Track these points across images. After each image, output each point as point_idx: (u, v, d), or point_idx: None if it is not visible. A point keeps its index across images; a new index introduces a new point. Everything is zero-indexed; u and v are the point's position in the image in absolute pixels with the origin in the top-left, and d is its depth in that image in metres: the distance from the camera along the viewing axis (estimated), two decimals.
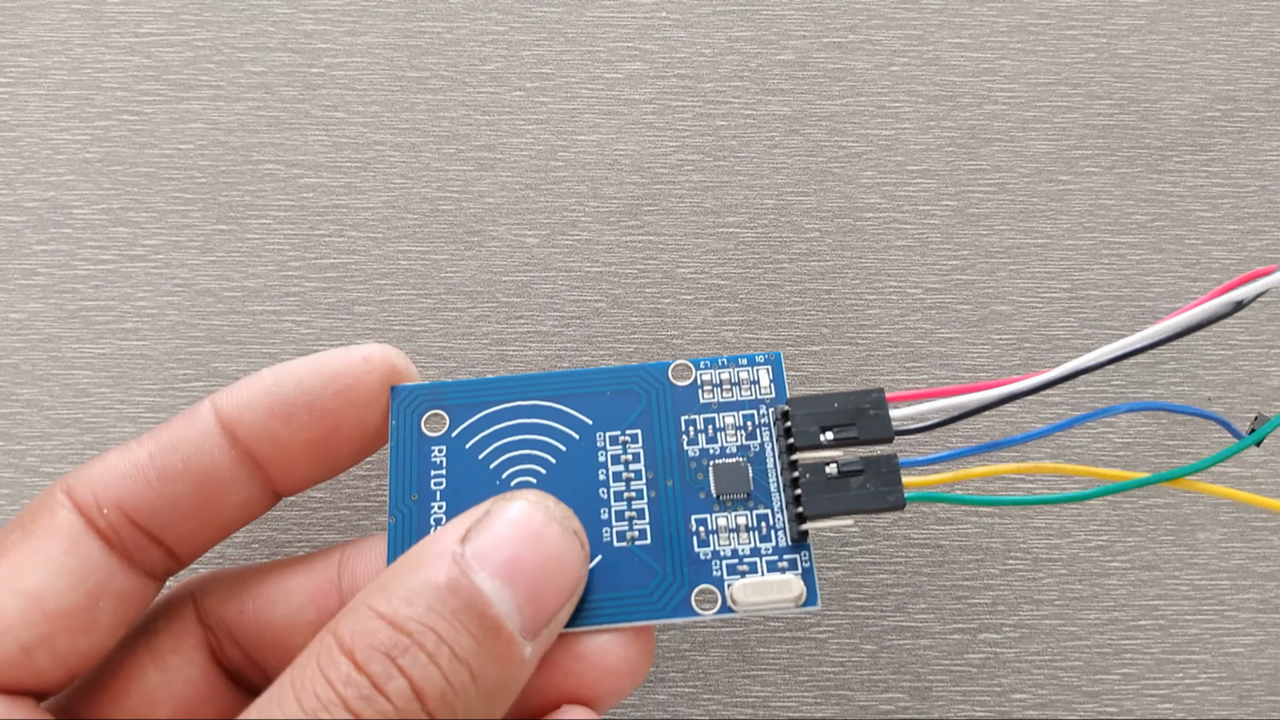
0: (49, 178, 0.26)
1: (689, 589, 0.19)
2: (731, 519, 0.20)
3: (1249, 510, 0.26)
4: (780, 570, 0.19)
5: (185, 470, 0.20)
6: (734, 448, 0.20)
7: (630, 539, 0.20)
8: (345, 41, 0.27)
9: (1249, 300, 0.21)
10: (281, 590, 0.21)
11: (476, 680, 0.16)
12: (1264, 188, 0.27)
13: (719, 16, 0.28)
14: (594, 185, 0.27)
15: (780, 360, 0.21)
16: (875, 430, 0.19)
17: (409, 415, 0.21)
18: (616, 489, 0.20)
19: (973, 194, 0.27)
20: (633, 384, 0.21)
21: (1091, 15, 0.28)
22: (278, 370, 0.20)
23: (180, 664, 0.21)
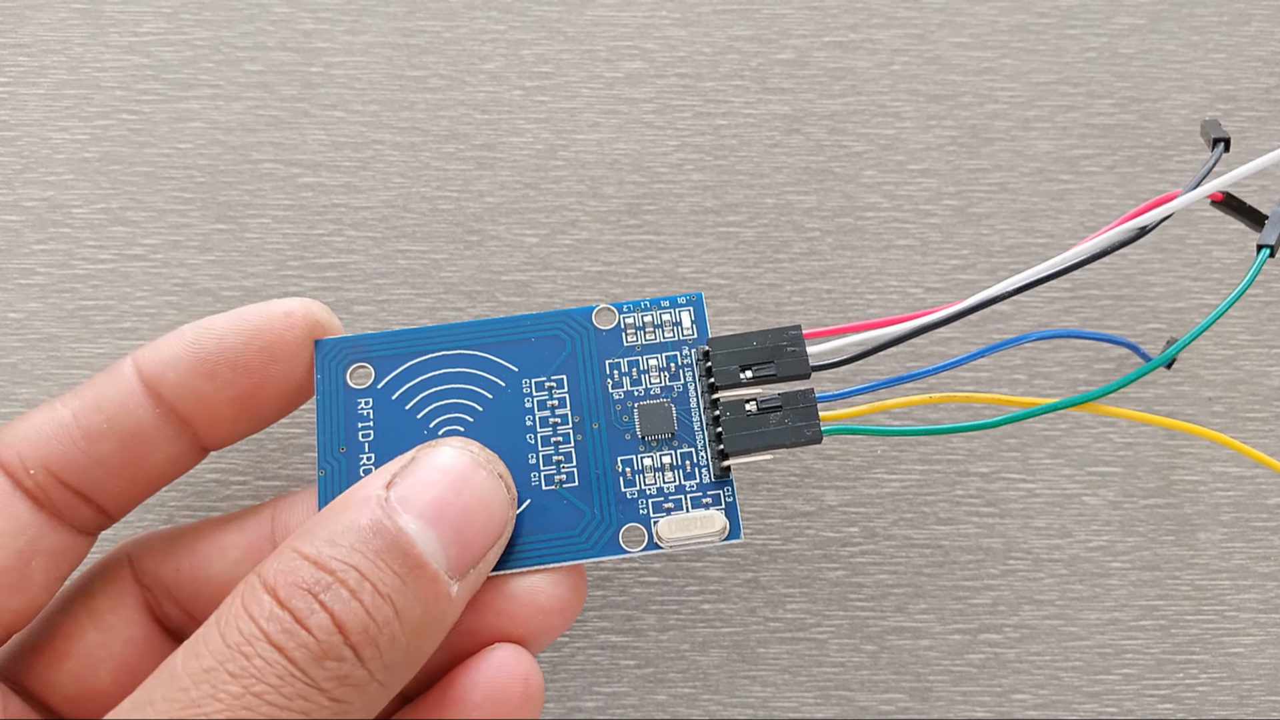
0: (48, 177, 0.26)
1: (616, 528, 0.20)
2: (656, 458, 0.20)
3: (1250, 510, 0.26)
4: (705, 506, 0.20)
5: (110, 429, 0.20)
6: (658, 389, 0.21)
7: (558, 482, 0.20)
8: (344, 40, 0.27)
9: (1152, 226, 0.21)
10: (216, 547, 0.21)
11: (400, 616, 0.17)
12: (1264, 187, 0.27)
13: (719, 15, 0.28)
14: (594, 184, 0.27)
15: (701, 301, 0.21)
16: (793, 367, 0.20)
17: (334, 368, 0.21)
18: (544, 434, 0.20)
19: (974, 193, 0.27)
20: (557, 329, 0.21)
21: (1092, 14, 0.28)
22: (199, 327, 0.20)
23: (120, 624, 0.21)
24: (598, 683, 0.25)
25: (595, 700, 0.25)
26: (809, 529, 0.26)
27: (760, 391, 0.20)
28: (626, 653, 0.25)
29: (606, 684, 0.25)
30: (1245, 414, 0.26)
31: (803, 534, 0.26)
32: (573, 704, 0.25)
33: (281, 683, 0.16)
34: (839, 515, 0.26)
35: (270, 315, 0.20)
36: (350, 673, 0.16)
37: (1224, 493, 0.26)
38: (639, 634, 0.25)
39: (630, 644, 0.25)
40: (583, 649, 0.25)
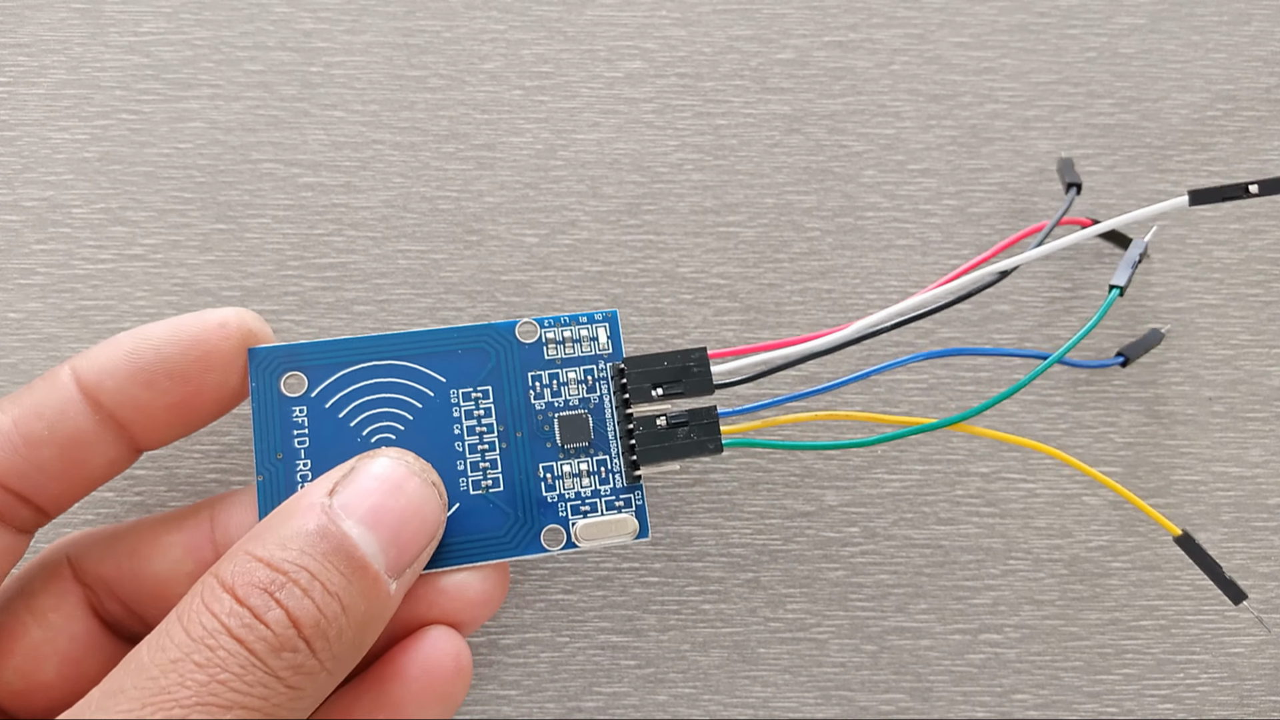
0: (47, 177, 0.26)
1: (538, 529, 0.22)
2: (575, 465, 0.22)
3: (1250, 510, 0.26)
4: (617, 509, 0.22)
5: (50, 435, 0.20)
6: (576, 400, 0.22)
7: (485, 487, 0.22)
8: (344, 40, 0.27)
9: (1010, 271, 0.23)
10: (156, 546, 0.22)
11: (347, 611, 0.18)
12: None
13: (719, 15, 0.28)
14: (594, 184, 0.27)
15: (616, 317, 0.23)
16: (698, 386, 0.22)
17: (268, 377, 0.22)
18: (471, 442, 0.22)
19: (974, 193, 0.27)
20: (482, 342, 0.22)
21: (1092, 14, 0.28)
22: (136, 336, 0.21)
23: (62, 621, 0.21)
24: (598, 683, 0.25)
25: (595, 700, 0.25)
26: (809, 529, 0.26)
27: (669, 407, 0.22)
28: (627, 653, 0.25)
29: (607, 684, 0.25)
30: (1245, 414, 0.26)
31: (803, 534, 0.26)
32: (573, 704, 0.25)
33: (243, 671, 0.17)
34: (839, 515, 0.26)
35: (206, 325, 0.21)
36: (304, 663, 0.18)
37: (1224, 493, 0.26)
38: (639, 634, 0.25)
39: (631, 644, 0.25)
40: (583, 649, 0.25)
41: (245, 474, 0.25)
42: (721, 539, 0.25)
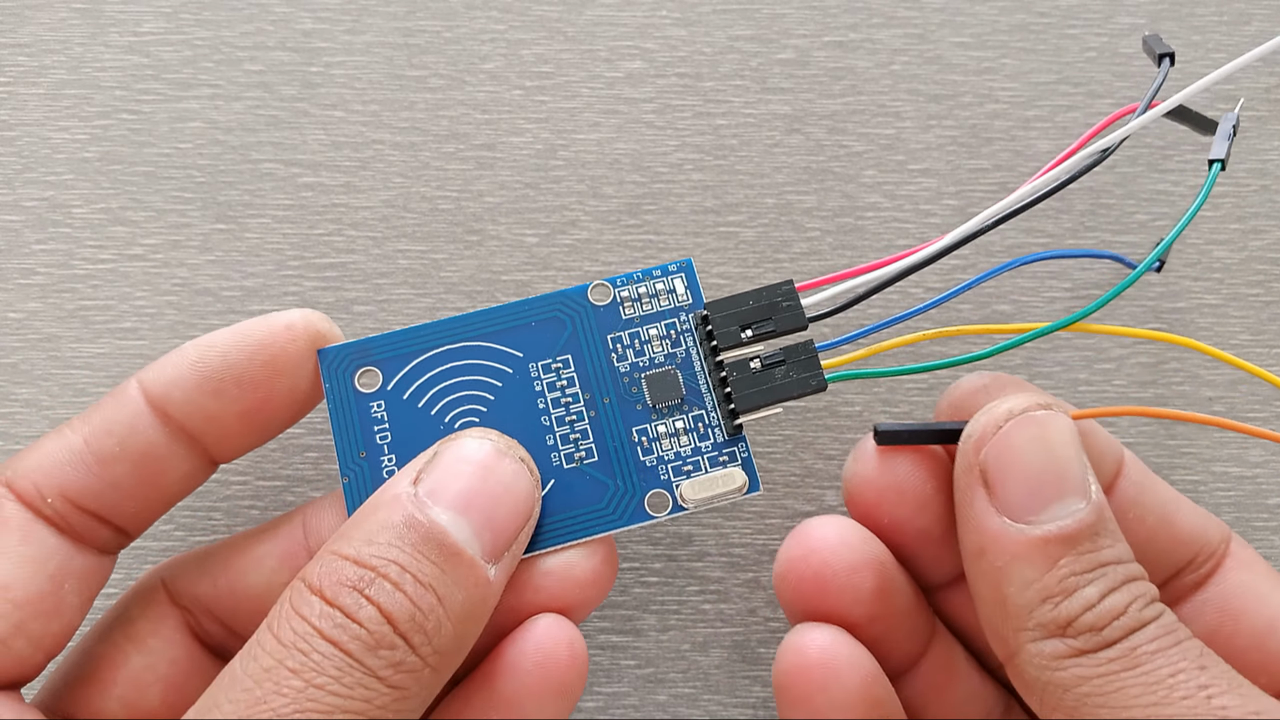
0: (48, 177, 0.26)
1: (641, 496, 0.21)
2: (670, 424, 0.21)
3: (1250, 510, 0.26)
4: (722, 464, 0.21)
5: (122, 452, 0.20)
6: (661, 356, 0.21)
7: (579, 459, 0.21)
8: (344, 40, 0.27)
9: (1114, 148, 0.22)
10: (251, 560, 0.21)
11: (444, 602, 0.17)
12: (1265, 187, 0.27)
13: (719, 15, 0.28)
14: (594, 184, 0.27)
15: (692, 266, 0.22)
16: (790, 321, 0.21)
17: (341, 376, 0.21)
18: (557, 414, 0.21)
19: (974, 193, 0.27)
20: (555, 311, 0.21)
21: (1092, 14, 0.28)
22: (201, 345, 0.20)
23: (162, 646, 0.21)
24: (598, 683, 0.25)
25: (595, 700, 0.25)
26: None
27: (762, 349, 0.21)
28: (627, 653, 0.25)
29: (607, 684, 0.25)
30: (1245, 414, 0.26)
31: None
32: None
33: (341, 674, 0.16)
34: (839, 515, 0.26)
35: (272, 329, 0.20)
36: (404, 659, 0.17)
37: (1224, 493, 0.26)
38: (639, 634, 0.25)
39: (631, 644, 0.25)
40: None
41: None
42: (721, 539, 0.25)
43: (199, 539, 0.25)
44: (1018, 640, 0.18)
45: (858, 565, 0.20)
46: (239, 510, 0.25)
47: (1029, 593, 0.18)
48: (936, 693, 0.21)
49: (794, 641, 0.20)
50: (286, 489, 0.25)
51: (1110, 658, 0.17)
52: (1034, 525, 0.18)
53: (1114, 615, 0.17)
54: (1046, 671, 0.17)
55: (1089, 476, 0.18)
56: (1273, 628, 0.20)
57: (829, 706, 0.19)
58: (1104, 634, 0.17)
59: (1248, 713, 0.16)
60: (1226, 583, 0.21)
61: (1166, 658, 0.17)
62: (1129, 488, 0.21)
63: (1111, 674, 0.17)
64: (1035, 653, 0.17)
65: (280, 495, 0.25)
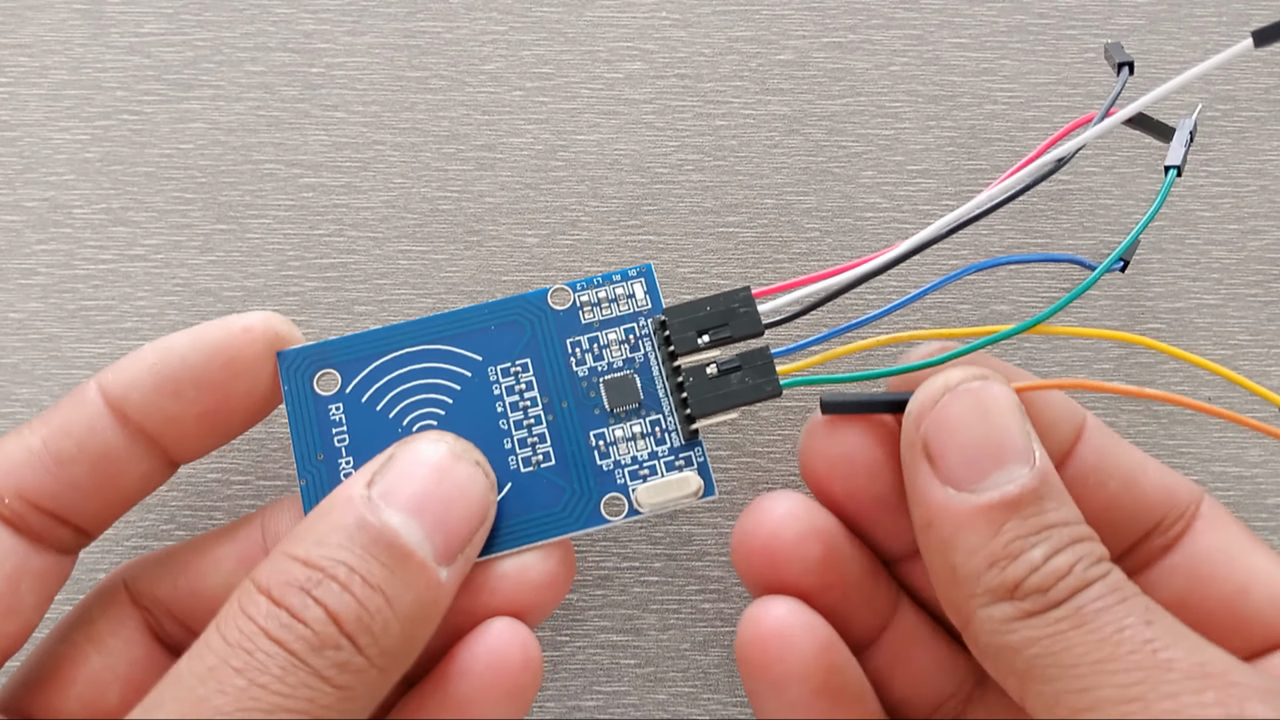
0: (49, 177, 0.26)
1: (597, 500, 0.21)
2: (627, 429, 0.21)
3: (1249, 511, 0.26)
4: (678, 469, 0.21)
5: (80, 453, 0.20)
6: (620, 361, 0.21)
7: (536, 463, 0.21)
8: (345, 41, 0.27)
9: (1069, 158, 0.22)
10: (210, 560, 0.21)
11: (392, 604, 0.17)
12: (1264, 187, 0.27)
13: (719, 16, 0.28)
14: (594, 185, 0.27)
15: (651, 271, 0.22)
16: (746, 327, 0.21)
17: (299, 378, 0.21)
18: (515, 418, 0.21)
19: (973, 193, 0.27)
20: (515, 315, 0.22)
21: (1091, 15, 0.28)
22: (159, 347, 0.20)
23: (122, 646, 0.21)
24: (598, 682, 0.25)
25: (595, 700, 0.25)
26: None
27: (719, 354, 0.21)
28: (627, 652, 0.25)
29: (607, 683, 0.25)
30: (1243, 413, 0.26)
31: None
32: (573, 703, 0.25)
33: (284, 673, 0.16)
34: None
35: (230, 331, 0.20)
36: (349, 660, 0.17)
37: (1223, 493, 0.26)
38: (639, 633, 0.25)
39: (630, 643, 0.25)
40: (583, 648, 0.25)
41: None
42: (721, 539, 0.25)
43: None
44: (969, 607, 0.18)
45: (804, 535, 0.20)
46: (239, 510, 0.25)
47: (976, 559, 0.18)
48: (902, 664, 0.21)
49: (750, 614, 0.20)
50: (287, 488, 0.25)
51: (1058, 618, 0.17)
52: (977, 493, 0.18)
53: (1059, 576, 0.17)
54: (998, 636, 0.17)
55: (1032, 443, 0.19)
56: (1244, 591, 0.20)
57: (786, 675, 0.19)
58: (1050, 595, 0.17)
59: (1193, 663, 0.16)
60: (1196, 545, 0.21)
61: (1112, 615, 0.17)
62: (1089, 453, 0.21)
63: (1059, 633, 0.17)
64: (986, 618, 0.18)
65: (281, 494, 0.25)
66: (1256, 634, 0.20)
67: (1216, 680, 0.16)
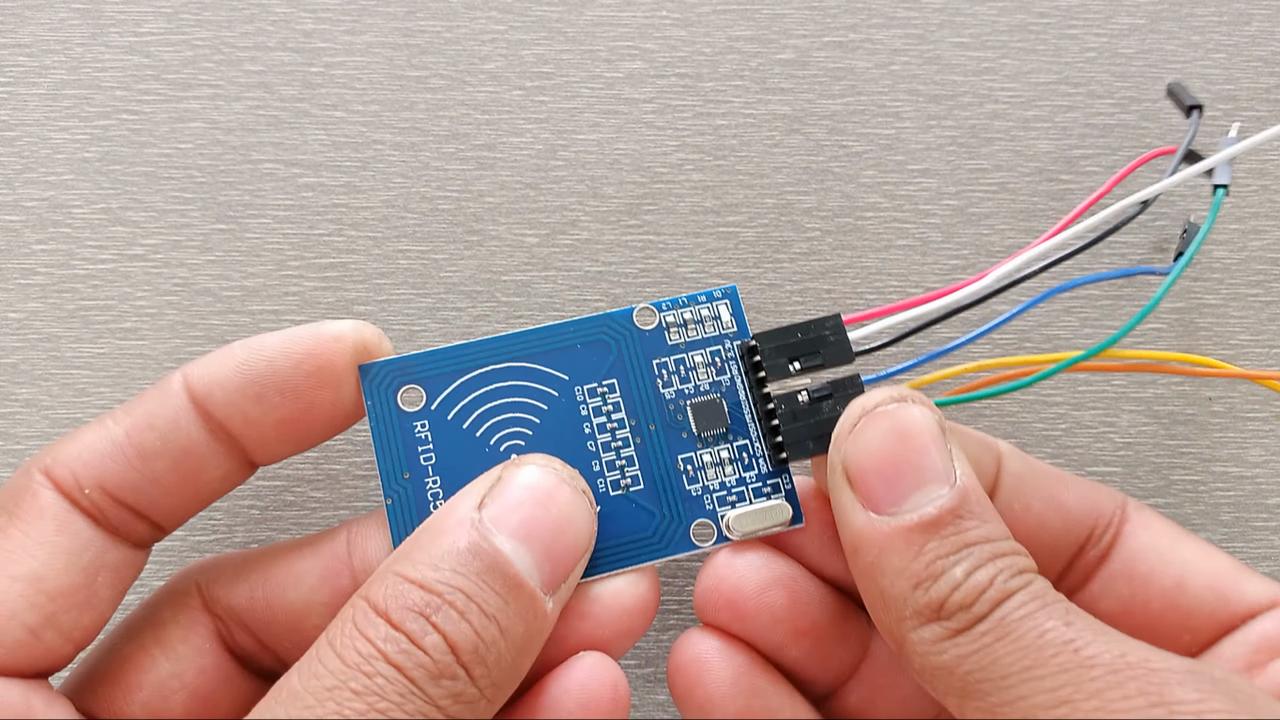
0: (48, 177, 0.26)
1: (687, 525, 0.20)
2: (715, 454, 0.21)
3: (1249, 510, 0.26)
4: (765, 496, 0.20)
5: (163, 447, 0.20)
6: (706, 384, 0.21)
7: (625, 486, 0.20)
8: (344, 41, 0.27)
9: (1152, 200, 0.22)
10: (291, 574, 0.21)
11: (505, 634, 0.17)
12: (1264, 187, 0.27)
13: (719, 15, 0.28)
14: (594, 185, 0.27)
15: (737, 293, 0.22)
16: (837, 355, 0.21)
17: (383, 393, 0.20)
18: (603, 440, 0.21)
19: (974, 193, 0.27)
20: (601, 334, 0.21)
21: (1092, 14, 0.28)
22: (249, 346, 0.20)
23: (190, 653, 0.21)
24: None
25: None
26: None
27: (809, 381, 0.21)
28: (627, 652, 0.25)
29: None
30: (1245, 414, 0.26)
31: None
32: None
33: (403, 700, 0.16)
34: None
35: (320, 338, 0.20)
36: (463, 690, 0.17)
37: (1224, 493, 0.26)
38: None
39: None
40: None
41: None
42: None
43: (199, 538, 0.25)
44: (901, 631, 0.18)
45: (766, 586, 0.20)
46: (239, 510, 0.25)
47: (901, 582, 0.18)
48: (883, 693, 0.21)
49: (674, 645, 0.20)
50: (286, 489, 0.25)
51: (982, 631, 0.17)
52: (897, 516, 0.18)
53: (980, 590, 0.17)
54: (931, 657, 0.17)
55: (953, 462, 0.19)
56: (1181, 584, 0.20)
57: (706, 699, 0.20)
58: (974, 610, 0.17)
59: (1113, 656, 0.16)
60: (1127, 549, 0.21)
61: (1034, 621, 0.17)
62: (1010, 480, 0.21)
63: (986, 647, 0.17)
64: (917, 640, 0.18)
65: (280, 495, 0.25)
66: (1202, 625, 0.20)
67: (1137, 670, 0.16)
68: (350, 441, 0.25)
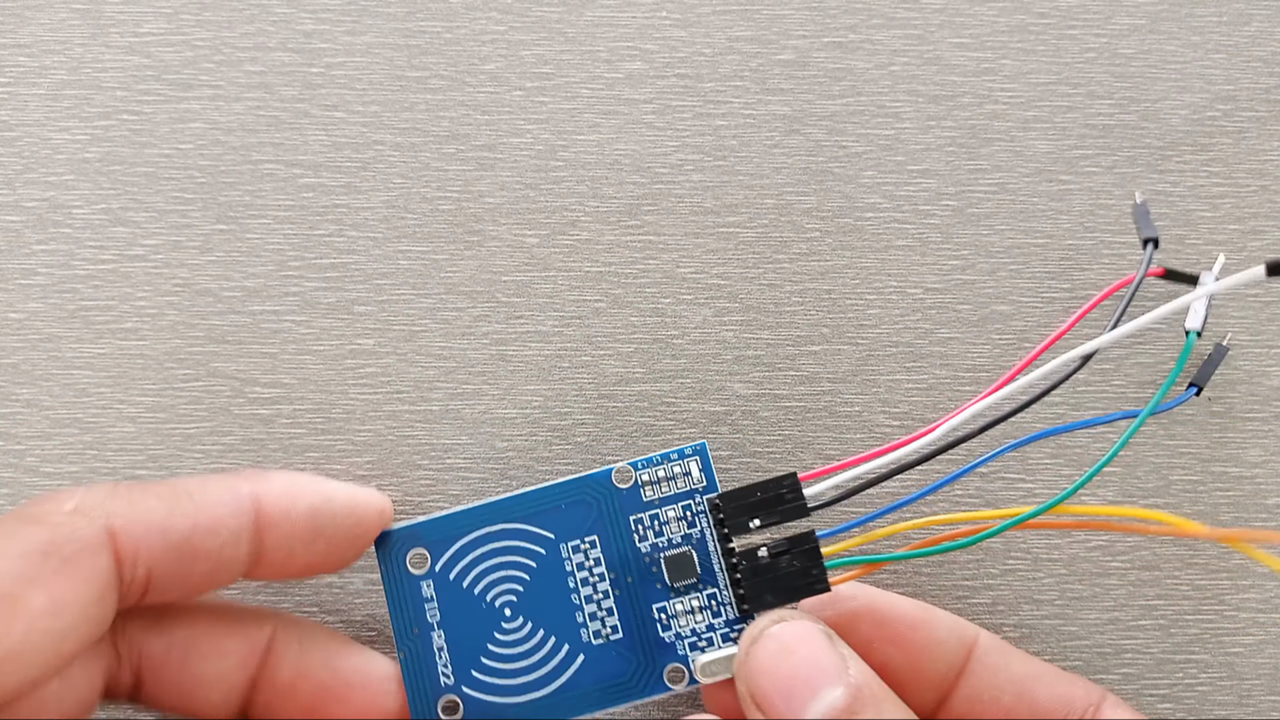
0: (48, 177, 0.26)
1: (660, 669, 0.22)
2: (686, 602, 0.23)
3: (1249, 511, 0.26)
4: (733, 641, 0.22)
5: (216, 559, 0.20)
6: (678, 537, 0.23)
7: (605, 635, 0.23)
8: (345, 41, 0.27)
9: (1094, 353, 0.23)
10: (215, 646, 0.21)
11: None
12: (1264, 187, 0.27)
13: (719, 16, 0.28)
14: (594, 185, 0.27)
15: (705, 449, 0.24)
16: (793, 512, 0.22)
17: (395, 557, 0.23)
18: (586, 593, 0.23)
19: (973, 194, 0.27)
20: (583, 494, 0.23)
21: (1092, 15, 0.28)
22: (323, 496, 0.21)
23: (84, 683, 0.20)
24: None
25: None
26: None
27: (769, 538, 0.22)
28: None
29: None
30: (1244, 414, 0.26)
31: None
32: None
33: None
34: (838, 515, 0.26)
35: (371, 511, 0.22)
36: None
37: (1223, 493, 0.26)
38: None
39: None
40: None
41: None
42: None
43: None
44: None
45: None
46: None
47: None
48: None
49: None
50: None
51: None
52: None
53: None
54: None
55: (844, 664, 0.20)
56: None
57: None
58: None
59: None
60: None
61: None
62: (982, 670, 0.22)
63: None
64: None
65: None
66: None
67: None
68: None
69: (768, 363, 0.26)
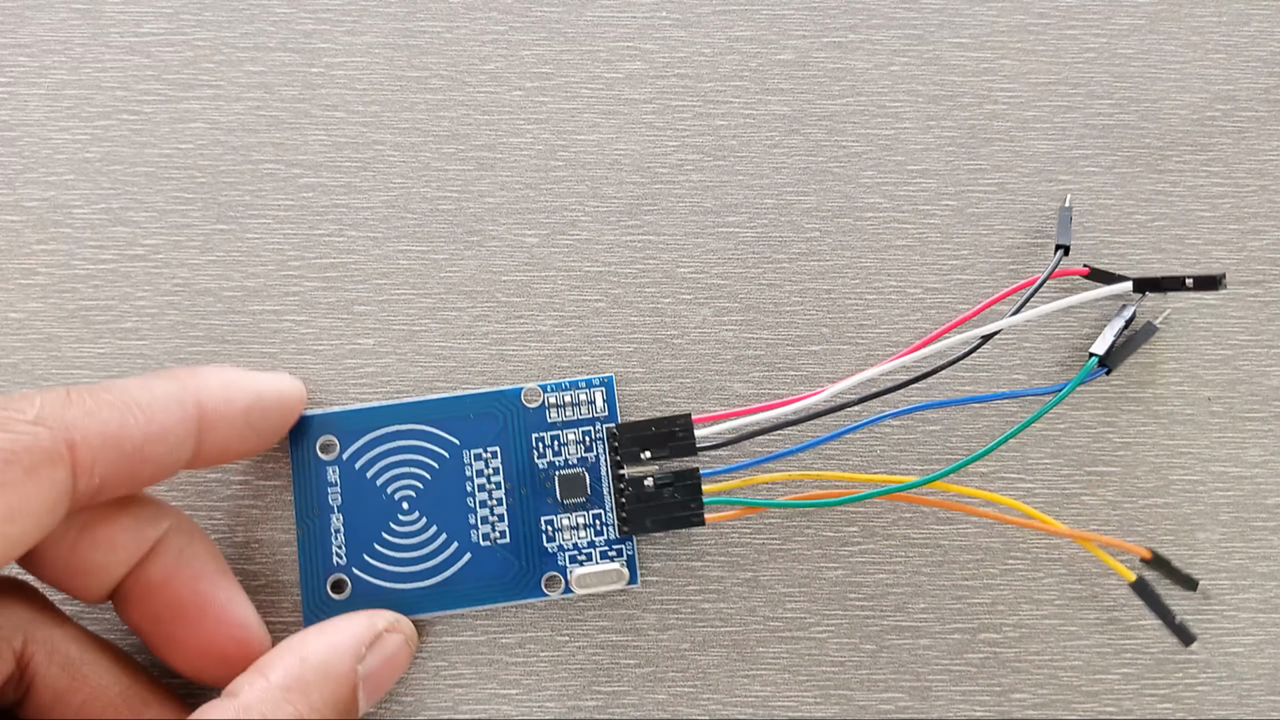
0: (49, 177, 0.26)
1: (539, 576, 0.24)
2: (573, 518, 0.24)
3: (1248, 510, 0.26)
4: (610, 558, 0.24)
5: (162, 463, 0.21)
6: (574, 459, 0.25)
7: (493, 539, 0.24)
8: (345, 41, 0.27)
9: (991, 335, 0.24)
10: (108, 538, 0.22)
11: None
12: (1264, 187, 0.27)
13: (719, 16, 0.28)
14: (594, 185, 0.27)
15: (612, 382, 0.25)
16: (682, 450, 0.24)
17: (306, 442, 0.24)
18: (481, 498, 0.24)
19: (973, 194, 0.27)
20: (491, 407, 0.25)
21: (1091, 15, 0.28)
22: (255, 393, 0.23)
23: None
24: (597, 682, 0.25)
25: (595, 699, 0.25)
26: (808, 528, 0.26)
27: (657, 469, 0.24)
28: (626, 652, 0.25)
29: (606, 683, 0.25)
30: (1244, 414, 0.26)
31: (802, 533, 0.26)
32: (573, 703, 0.25)
33: None
34: (838, 515, 0.26)
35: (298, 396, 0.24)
36: None
37: (1222, 492, 0.26)
38: (639, 633, 0.25)
39: (630, 643, 0.25)
40: (583, 648, 0.25)
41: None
42: (721, 539, 0.25)
43: None
44: None
45: None
46: (241, 510, 0.25)
47: None
48: None
49: None
50: (286, 489, 0.25)
51: None
52: None
53: None
54: None
55: None
56: None
57: None
58: None
59: None
60: None
61: None
62: None
63: None
64: None
65: (281, 495, 0.25)
66: None
67: None
68: None
69: (768, 363, 0.26)
